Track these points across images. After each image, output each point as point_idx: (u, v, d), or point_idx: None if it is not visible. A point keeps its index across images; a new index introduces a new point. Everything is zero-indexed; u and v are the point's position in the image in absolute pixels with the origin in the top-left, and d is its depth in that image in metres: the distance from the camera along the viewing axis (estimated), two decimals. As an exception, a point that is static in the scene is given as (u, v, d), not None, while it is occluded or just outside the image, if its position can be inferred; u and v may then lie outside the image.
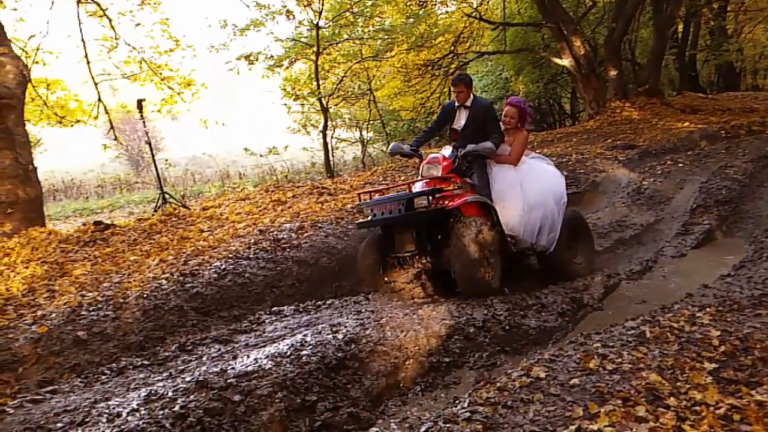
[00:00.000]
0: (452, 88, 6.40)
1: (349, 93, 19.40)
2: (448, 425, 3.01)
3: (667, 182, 9.54)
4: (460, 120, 6.24)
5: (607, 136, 13.96)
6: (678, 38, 22.14)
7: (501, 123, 6.25)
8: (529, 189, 5.98)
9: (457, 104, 6.27)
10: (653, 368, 3.38)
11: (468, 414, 3.10)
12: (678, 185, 9.32)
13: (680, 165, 10.32)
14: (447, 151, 6.30)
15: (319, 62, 16.08)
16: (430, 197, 5.50)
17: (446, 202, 5.58)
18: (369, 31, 17.49)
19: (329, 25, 16.11)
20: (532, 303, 5.21)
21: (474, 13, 18.25)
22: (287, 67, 17.04)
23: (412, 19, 17.76)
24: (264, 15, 15.32)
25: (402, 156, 6.68)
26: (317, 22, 15.25)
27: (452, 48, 18.42)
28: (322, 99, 16.86)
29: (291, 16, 15.40)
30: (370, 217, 5.94)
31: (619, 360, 3.56)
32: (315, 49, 15.45)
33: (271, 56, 16.17)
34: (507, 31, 19.48)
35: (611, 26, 17.50)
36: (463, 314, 4.75)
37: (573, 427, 2.83)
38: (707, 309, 4.33)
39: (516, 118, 6.30)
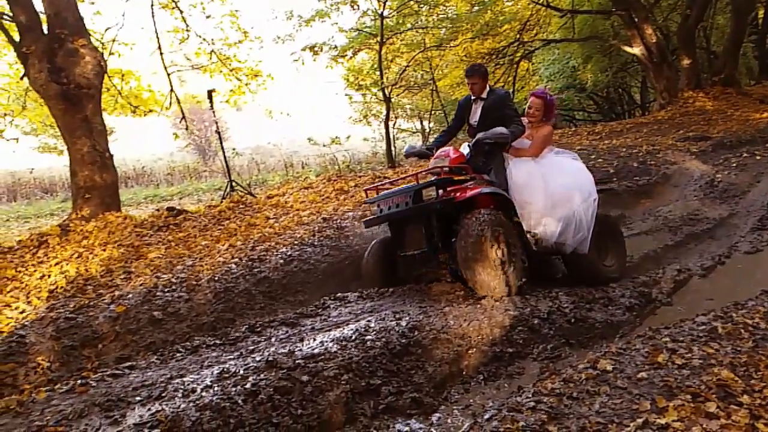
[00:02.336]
0: (466, 80, 5.99)
1: (412, 83, 19.38)
2: (512, 414, 3.03)
3: (743, 175, 9.16)
4: (476, 114, 5.85)
5: (679, 127, 13.47)
6: (758, 24, 21.04)
7: (525, 116, 5.86)
8: (552, 183, 5.49)
9: (473, 97, 5.89)
10: (725, 365, 3.30)
11: (532, 403, 3.11)
12: (754, 178, 8.94)
13: (757, 158, 9.89)
14: (466, 149, 5.85)
15: (382, 52, 16.13)
16: (440, 189, 5.14)
17: (457, 194, 5.18)
18: (433, 19, 17.39)
19: (393, 15, 16.12)
20: (598, 296, 5.12)
21: (541, 0, 17.88)
22: (350, 58, 17.17)
23: (477, 7, 17.55)
24: (329, 5, 15.48)
25: (418, 157, 6.21)
26: (382, 12, 15.29)
27: (518, 36, 18.12)
28: (385, 89, 16.92)
29: (355, 6, 15.50)
30: (377, 214, 5.62)
31: (689, 355, 3.49)
32: (379, 38, 15.51)
33: (335, 47, 16.33)
34: (575, 19, 18.99)
35: (685, 13, 16.83)
36: (528, 305, 4.72)
37: (640, 420, 2.80)
38: (785, 306, 4.17)
39: (541, 111, 5.85)
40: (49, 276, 6.15)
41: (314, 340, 4.14)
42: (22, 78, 9.68)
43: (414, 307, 4.69)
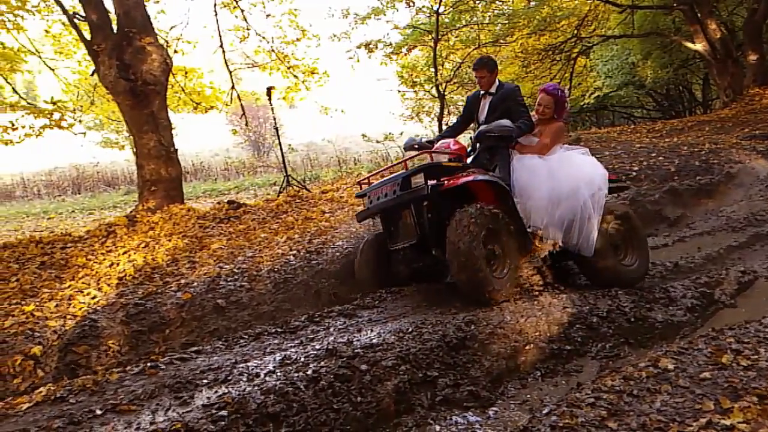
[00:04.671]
0: (474, 74, 5.65)
1: (466, 80, 19.28)
2: (571, 409, 3.04)
3: (813, 175, 8.80)
4: (484, 109, 5.54)
5: (744, 125, 12.99)
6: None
7: (534, 113, 5.55)
8: (557, 178, 5.12)
9: (481, 92, 5.59)
10: (794, 368, 3.21)
11: (592, 400, 3.11)
12: (826, 179, 8.58)
13: (827, 157, 9.48)
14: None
15: (437, 49, 16.12)
16: (432, 178, 4.77)
17: (448, 182, 4.81)
18: (489, 15, 17.28)
19: (449, 12, 16.09)
20: (659, 296, 5.03)
21: (600, -5, 17.53)
22: (405, 54, 17.24)
23: (534, 3, 17.34)
24: (385, 3, 15.58)
25: (418, 150, 5.54)
26: (437, 9, 15.30)
27: (575, 31, 17.79)
28: (439, 86, 16.91)
29: (411, 3, 15.56)
30: (367, 206, 5.33)
31: (756, 357, 3.41)
32: (434, 35, 15.52)
33: (390, 44, 16.41)
34: (635, 14, 18.53)
35: (752, 7, 16.17)
36: (586, 303, 4.69)
37: (703, 420, 2.77)
38: None
39: (551, 108, 5.52)
40: (118, 264, 6.44)
41: (372, 331, 4.23)
42: (92, 74, 10.13)
43: (470, 302, 4.71)
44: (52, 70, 12.54)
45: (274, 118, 11.63)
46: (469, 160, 5.48)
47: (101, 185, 23.90)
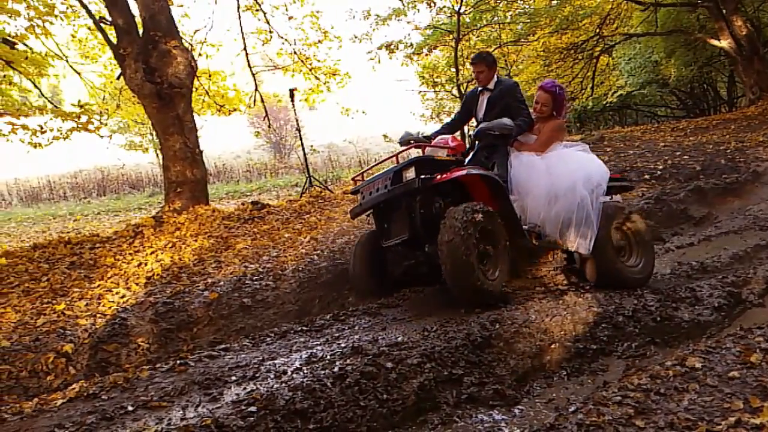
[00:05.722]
0: (472, 69, 5.51)
1: (487, 79, 19.29)
2: (598, 407, 3.03)
3: (841, 173, 8.66)
4: (482, 106, 5.39)
5: (771, 123, 12.83)
6: None
7: (532, 110, 5.41)
8: (555, 175, 5.01)
9: (479, 89, 5.45)
10: (826, 367, 3.18)
11: (618, 398, 3.10)
12: None
13: None
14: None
15: (458, 48, 16.12)
16: (419, 170, 4.60)
17: (440, 176, 4.67)
18: (510, 15, 17.25)
19: (470, 11, 16.09)
20: (685, 295, 4.99)
21: (623, -7, 17.39)
22: (426, 55, 17.28)
23: (556, 1, 17.26)
24: (406, 3, 15.64)
25: (414, 144, 5.39)
26: (459, 9, 15.31)
27: (598, 30, 17.66)
28: (461, 86, 16.91)
29: (432, 4, 15.59)
30: (360, 203, 5.18)
31: (786, 356, 3.37)
32: (455, 35, 15.53)
33: (411, 44, 16.46)
34: (658, 12, 18.34)
35: (780, 3, 15.95)
36: (612, 303, 4.67)
37: (732, 419, 2.74)
38: None
39: (549, 106, 5.38)
40: (146, 264, 6.55)
41: (396, 329, 4.26)
42: (118, 78, 10.29)
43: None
44: (78, 74, 12.77)
45: (297, 120, 11.70)
46: (468, 158, 5.38)
47: (126, 187, 24.25)
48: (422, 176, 4.59)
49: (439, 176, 4.64)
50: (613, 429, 2.81)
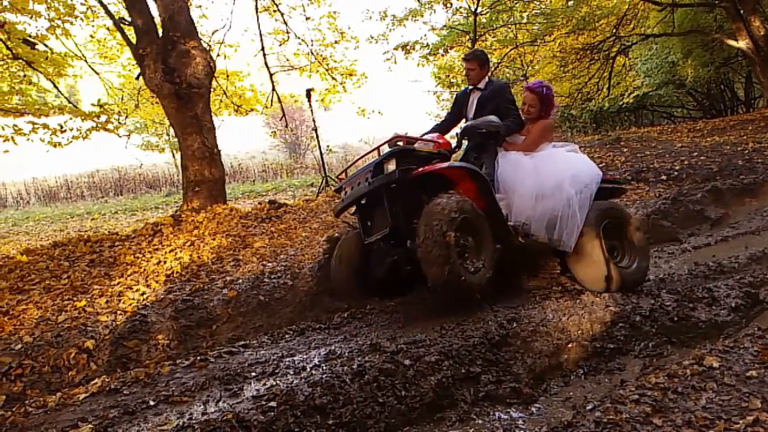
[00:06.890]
0: (464, 65, 5.42)
1: (504, 79, 19.27)
2: (615, 405, 3.04)
3: None
4: (472, 106, 5.32)
5: (790, 124, 12.71)
6: None
7: (521, 112, 5.33)
8: (543, 174, 4.94)
9: (470, 88, 5.39)
10: None
11: (636, 396, 3.11)
12: None
13: None
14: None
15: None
16: (399, 163, 4.44)
17: (420, 168, 4.51)
18: (527, 15, 17.23)
19: (487, 12, 16.09)
20: (702, 296, 4.97)
21: (640, -6, 17.30)
22: (442, 55, 17.29)
23: (572, 2, 17.21)
24: (422, 4, 15.66)
25: (399, 137, 4.98)
26: (475, 9, 15.32)
27: (614, 30, 17.59)
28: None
29: (449, 5, 15.60)
30: (342, 199, 4.98)
31: (805, 356, 3.36)
32: (471, 35, 15.54)
33: (427, 45, 16.49)
34: (675, 12, 18.23)
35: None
36: (629, 302, 4.67)
37: (750, 418, 2.74)
38: None
39: (537, 106, 5.29)
40: (165, 262, 6.63)
41: (414, 327, 4.29)
42: (137, 78, 10.42)
43: (511, 299, 4.74)
44: (97, 74, 12.94)
45: (314, 120, 11.76)
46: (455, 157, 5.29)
47: (143, 187, 24.48)
48: (402, 167, 4.47)
49: (420, 168, 4.52)
50: (630, 427, 2.82)
